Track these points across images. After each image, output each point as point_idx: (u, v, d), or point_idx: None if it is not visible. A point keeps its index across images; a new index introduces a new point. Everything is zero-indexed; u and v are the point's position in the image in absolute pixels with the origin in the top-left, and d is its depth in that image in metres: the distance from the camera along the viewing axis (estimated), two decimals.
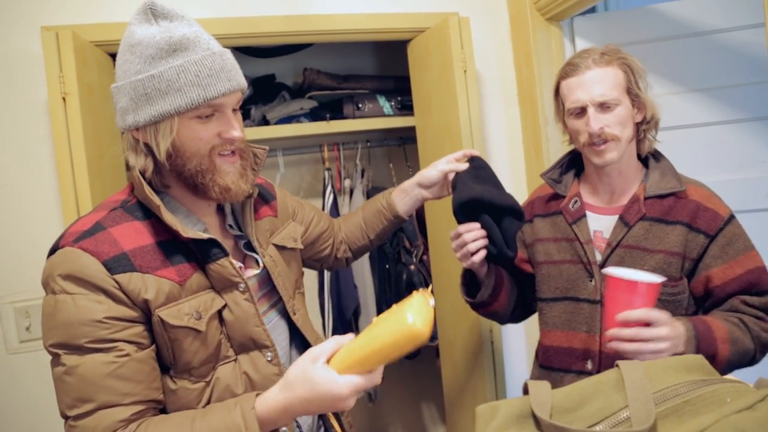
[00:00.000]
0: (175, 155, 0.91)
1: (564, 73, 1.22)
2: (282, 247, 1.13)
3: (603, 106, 1.16)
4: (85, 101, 1.52)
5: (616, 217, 1.22)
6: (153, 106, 0.87)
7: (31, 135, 1.61)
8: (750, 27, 1.76)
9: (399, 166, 2.61)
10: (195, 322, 0.89)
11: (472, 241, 1.20)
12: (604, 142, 1.17)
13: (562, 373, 1.26)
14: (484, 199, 1.18)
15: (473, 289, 1.36)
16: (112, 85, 0.91)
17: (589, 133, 1.17)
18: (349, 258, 1.40)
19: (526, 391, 0.68)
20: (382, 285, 2.46)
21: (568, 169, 1.35)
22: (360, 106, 2.32)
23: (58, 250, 0.86)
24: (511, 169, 2.05)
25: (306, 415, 0.99)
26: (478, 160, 1.28)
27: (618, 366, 0.66)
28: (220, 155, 0.93)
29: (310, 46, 2.42)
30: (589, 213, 1.27)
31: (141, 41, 0.86)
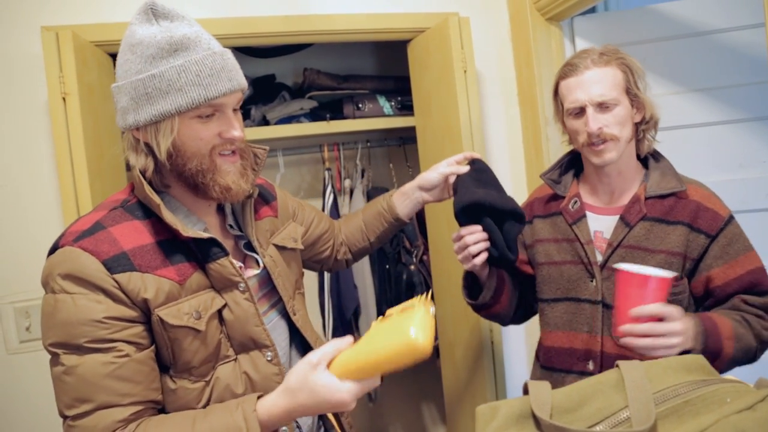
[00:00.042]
0: (175, 155, 0.91)
1: (563, 73, 1.22)
2: (282, 247, 1.13)
3: (602, 106, 1.16)
4: (85, 101, 1.52)
5: (616, 218, 1.22)
6: (154, 105, 0.87)
7: (31, 135, 1.61)
8: (750, 27, 1.76)
9: (399, 166, 2.61)
10: (195, 322, 0.89)
11: (474, 244, 1.20)
12: (603, 142, 1.17)
13: (564, 373, 1.26)
14: (486, 202, 1.19)
15: (475, 292, 1.36)
16: (112, 85, 0.91)
17: (588, 133, 1.17)
18: (349, 260, 1.40)
19: (526, 392, 0.68)
20: (382, 285, 2.45)
21: (568, 170, 1.35)
22: (360, 106, 2.31)
23: (57, 249, 0.86)
24: (511, 169, 2.05)
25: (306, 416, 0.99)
26: (479, 162, 1.28)
27: (618, 366, 0.66)
28: (220, 155, 0.93)
29: (310, 46, 2.41)
30: (588, 213, 1.27)
31: (142, 41, 0.87)
